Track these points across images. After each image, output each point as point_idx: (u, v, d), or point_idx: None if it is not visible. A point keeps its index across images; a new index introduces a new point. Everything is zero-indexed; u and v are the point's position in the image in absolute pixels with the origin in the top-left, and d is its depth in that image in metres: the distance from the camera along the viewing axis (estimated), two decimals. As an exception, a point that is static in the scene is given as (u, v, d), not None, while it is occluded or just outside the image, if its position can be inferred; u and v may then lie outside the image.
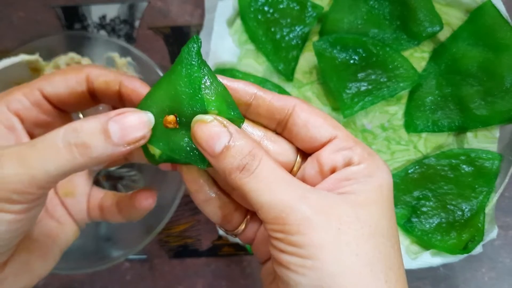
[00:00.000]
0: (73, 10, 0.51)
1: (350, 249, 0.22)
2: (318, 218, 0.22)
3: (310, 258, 0.22)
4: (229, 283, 0.49)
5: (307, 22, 0.47)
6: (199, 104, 0.24)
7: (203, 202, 0.28)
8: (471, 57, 0.45)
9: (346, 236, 0.22)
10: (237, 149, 0.23)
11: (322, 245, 0.22)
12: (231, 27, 0.47)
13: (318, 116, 0.26)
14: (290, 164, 0.27)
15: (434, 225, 0.45)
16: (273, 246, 0.23)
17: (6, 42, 0.50)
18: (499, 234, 0.46)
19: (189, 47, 0.25)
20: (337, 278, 0.22)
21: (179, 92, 0.24)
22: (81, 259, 0.46)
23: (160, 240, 0.50)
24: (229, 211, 0.28)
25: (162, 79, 0.25)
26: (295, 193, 0.23)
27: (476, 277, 0.49)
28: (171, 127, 0.24)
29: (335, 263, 0.22)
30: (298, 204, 0.23)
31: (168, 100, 0.24)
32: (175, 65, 0.25)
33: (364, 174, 0.24)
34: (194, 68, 0.24)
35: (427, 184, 0.45)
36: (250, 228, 0.29)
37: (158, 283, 0.49)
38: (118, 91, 0.27)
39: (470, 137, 0.46)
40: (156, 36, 0.51)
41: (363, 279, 0.22)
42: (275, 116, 0.27)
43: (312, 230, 0.22)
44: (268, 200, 0.23)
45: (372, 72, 0.46)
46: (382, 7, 0.47)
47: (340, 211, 0.23)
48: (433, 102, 0.47)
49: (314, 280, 0.22)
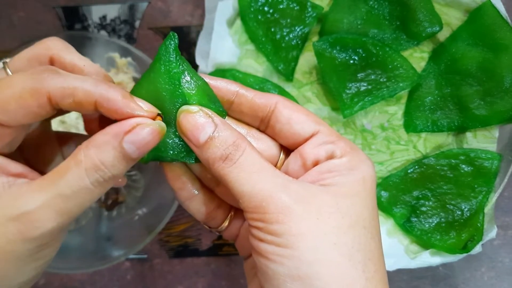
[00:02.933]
0: (73, 10, 0.51)
1: (329, 239, 0.22)
2: (298, 207, 0.23)
3: (288, 247, 0.22)
4: (229, 283, 0.50)
5: (307, 22, 0.47)
6: (180, 99, 0.24)
7: (186, 200, 0.28)
8: (470, 57, 0.45)
9: (325, 226, 0.23)
10: (221, 139, 0.24)
11: (300, 234, 0.22)
12: (231, 27, 0.47)
13: (301, 112, 0.27)
14: (273, 160, 0.28)
15: (434, 224, 0.45)
16: (252, 236, 0.24)
17: (6, 42, 0.50)
18: (499, 234, 0.46)
19: (166, 44, 0.25)
20: (314, 267, 0.22)
21: (160, 89, 0.24)
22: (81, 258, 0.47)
23: (160, 240, 0.50)
24: (213, 208, 0.28)
25: (142, 78, 0.25)
26: (276, 183, 0.23)
27: (476, 276, 0.49)
28: None
29: (313, 252, 0.22)
30: (278, 193, 0.23)
31: (150, 99, 0.24)
32: (153, 63, 0.25)
33: (346, 167, 0.24)
34: (172, 64, 0.24)
35: (427, 184, 0.46)
36: (234, 225, 0.29)
37: (158, 282, 0.49)
38: (94, 108, 0.23)
39: (470, 137, 0.46)
40: (156, 36, 0.51)
41: (341, 268, 0.22)
42: (258, 114, 0.27)
43: (291, 219, 0.22)
44: (249, 189, 0.23)
45: (372, 72, 0.46)
46: (382, 7, 0.47)
47: (321, 201, 0.23)
48: (432, 102, 0.47)
49: (292, 269, 0.22)
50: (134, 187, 0.50)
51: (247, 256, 0.29)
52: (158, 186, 0.48)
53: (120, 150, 0.22)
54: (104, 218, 0.49)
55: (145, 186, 0.49)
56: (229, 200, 0.29)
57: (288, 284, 0.22)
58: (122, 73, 0.47)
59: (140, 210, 0.49)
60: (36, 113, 0.23)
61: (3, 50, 0.50)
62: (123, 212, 0.49)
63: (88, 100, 0.23)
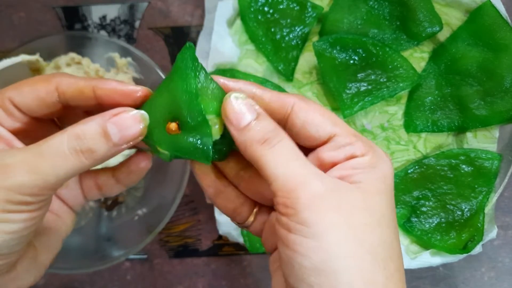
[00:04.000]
0: (73, 11, 0.51)
1: (357, 235, 0.22)
2: (331, 199, 0.23)
3: (316, 239, 0.22)
4: (229, 283, 0.50)
5: (307, 22, 0.47)
6: (197, 109, 0.25)
7: (214, 196, 0.29)
8: (470, 57, 0.45)
9: (355, 221, 0.23)
10: (261, 125, 0.25)
11: (331, 226, 0.22)
12: (231, 27, 0.47)
13: (316, 113, 0.26)
14: None
15: (434, 225, 0.45)
16: (280, 225, 0.24)
17: (6, 42, 0.50)
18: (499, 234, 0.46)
19: (183, 54, 0.26)
20: (341, 261, 0.22)
21: (178, 99, 0.25)
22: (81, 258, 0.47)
23: (160, 240, 0.50)
24: (239, 203, 0.29)
25: (161, 86, 0.26)
26: (311, 171, 0.24)
27: (476, 276, 0.49)
28: (174, 133, 0.26)
29: (341, 247, 0.22)
30: (314, 181, 0.23)
31: (168, 107, 0.26)
32: (172, 73, 0.26)
33: (369, 165, 0.25)
34: (190, 75, 0.25)
35: (427, 184, 0.46)
36: (258, 220, 0.30)
37: (158, 283, 0.49)
38: (93, 97, 0.26)
39: (470, 137, 0.46)
40: (156, 36, 0.51)
41: (365, 265, 0.22)
42: (274, 116, 0.27)
43: (323, 209, 0.22)
44: (283, 172, 0.23)
45: (372, 72, 0.46)
46: (382, 8, 0.47)
47: (352, 197, 0.23)
48: (432, 102, 0.47)
49: (318, 263, 0.22)
50: (134, 187, 0.50)
51: (272, 250, 0.29)
52: (158, 186, 0.48)
53: (103, 128, 0.24)
54: (104, 218, 0.49)
55: (145, 186, 0.49)
56: (253, 195, 0.29)
57: (312, 278, 0.22)
58: (122, 73, 0.47)
59: (140, 210, 0.49)
60: (44, 99, 0.26)
61: (3, 50, 0.50)
62: (123, 212, 0.49)
63: (88, 86, 0.26)
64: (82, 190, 0.30)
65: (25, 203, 0.23)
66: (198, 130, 0.26)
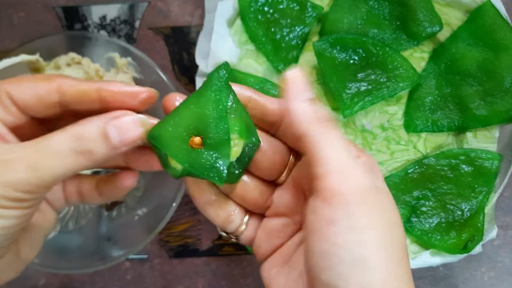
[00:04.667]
0: (73, 10, 0.51)
1: (388, 233, 0.23)
2: (375, 195, 0.24)
3: (358, 232, 0.22)
4: (229, 283, 0.50)
5: (307, 22, 0.47)
6: (224, 129, 0.26)
7: (205, 205, 0.29)
8: (470, 57, 0.45)
9: (388, 220, 0.24)
10: (318, 106, 0.25)
11: (372, 222, 0.23)
12: (231, 27, 0.47)
13: None
14: (285, 162, 0.29)
15: (434, 225, 0.45)
16: (317, 216, 0.23)
17: (6, 42, 0.50)
18: (499, 234, 0.46)
19: (219, 73, 0.26)
20: (375, 257, 0.22)
21: (207, 115, 0.26)
22: (81, 259, 0.47)
23: (160, 240, 0.50)
24: (231, 210, 0.29)
25: (191, 100, 0.26)
26: (361, 166, 0.24)
27: (476, 276, 0.49)
28: (196, 147, 0.26)
29: (378, 243, 0.23)
30: (364, 175, 0.24)
31: (194, 121, 0.26)
32: (204, 89, 0.26)
33: (368, 167, 0.25)
34: (223, 94, 0.26)
35: (427, 184, 0.46)
36: (250, 228, 0.30)
37: (158, 283, 0.49)
38: (96, 99, 0.26)
39: (470, 137, 0.46)
40: (156, 36, 0.51)
41: (392, 262, 0.23)
42: (269, 119, 0.28)
43: (369, 205, 0.23)
44: (338, 158, 0.24)
45: (372, 72, 0.46)
46: (382, 8, 0.47)
47: (382, 196, 0.24)
48: (432, 102, 0.47)
49: (358, 257, 0.22)
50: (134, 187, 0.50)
51: (265, 257, 0.29)
52: (158, 186, 0.48)
53: (103, 130, 0.24)
54: (104, 218, 0.49)
55: (145, 186, 0.49)
56: (244, 203, 0.29)
57: (350, 272, 0.22)
58: (122, 73, 0.47)
59: (140, 210, 0.49)
60: (43, 98, 0.26)
61: (3, 50, 0.50)
62: (123, 212, 0.49)
63: (91, 88, 0.26)
64: (64, 194, 0.30)
65: (20, 200, 0.23)
66: (219, 149, 0.26)
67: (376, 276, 0.22)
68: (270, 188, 0.30)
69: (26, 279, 0.49)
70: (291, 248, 0.28)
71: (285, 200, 0.29)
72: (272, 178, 0.29)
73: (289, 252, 0.28)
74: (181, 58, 0.51)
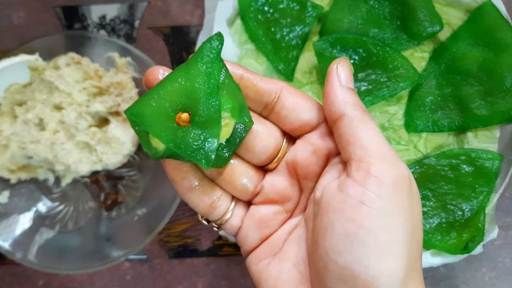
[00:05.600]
0: (73, 10, 0.51)
1: (411, 221, 0.23)
2: (407, 182, 0.24)
3: (387, 216, 0.22)
4: (229, 283, 0.50)
5: (307, 22, 0.47)
6: (215, 105, 0.23)
7: (187, 191, 0.27)
8: (471, 57, 0.45)
9: (413, 209, 0.24)
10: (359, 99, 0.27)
11: (401, 207, 0.23)
12: (231, 27, 0.47)
13: (306, 99, 0.27)
14: (278, 146, 0.27)
15: (434, 225, 0.45)
16: (348, 195, 0.23)
17: (6, 42, 0.50)
18: (500, 234, 0.46)
19: (212, 43, 0.23)
20: (399, 243, 0.22)
21: (197, 89, 0.23)
22: (81, 259, 0.47)
23: (160, 240, 0.50)
24: (216, 197, 0.27)
25: (178, 72, 0.23)
26: (395, 153, 0.25)
27: (476, 277, 0.49)
28: (183, 125, 0.23)
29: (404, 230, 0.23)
30: (400, 161, 0.24)
31: (182, 96, 0.23)
32: (194, 60, 0.23)
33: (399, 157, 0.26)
34: (215, 67, 0.23)
35: (427, 184, 0.45)
36: (236, 216, 0.28)
37: (158, 283, 0.49)
38: None
39: (470, 137, 0.46)
40: (156, 36, 0.51)
41: (412, 251, 0.23)
42: (263, 99, 0.26)
43: (402, 189, 0.23)
44: (378, 143, 0.24)
45: (372, 72, 0.46)
46: (382, 7, 0.47)
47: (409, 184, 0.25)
48: (433, 102, 0.47)
49: (383, 242, 0.22)
50: (134, 187, 0.50)
51: (250, 251, 0.28)
52: (158, 186, 0.48)
53: None
54: (104, 218, 0.49)
55: (145, 186, 0.49)
56: (231, 189, 0.28)
57: (372, 258, 0.22)
58: (122, 72, 0.47)
59: (140, 210, 0.49)
60: None
61: (3, 50, 0.50)
62: (122, 212, 0.49)
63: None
64: None
65: None
66: (208, 128, 0.23)
67: (399, 264, 0.21)
68: (260, 174, 0.28)
69: (26, 279, 0.49)
70: (281, 238, 0.27)
71: (278, 186, 0.27)
72: (263, 163, 0.28)
73: (279, 242, 0.27)
74: (181, 58, 0.50)
